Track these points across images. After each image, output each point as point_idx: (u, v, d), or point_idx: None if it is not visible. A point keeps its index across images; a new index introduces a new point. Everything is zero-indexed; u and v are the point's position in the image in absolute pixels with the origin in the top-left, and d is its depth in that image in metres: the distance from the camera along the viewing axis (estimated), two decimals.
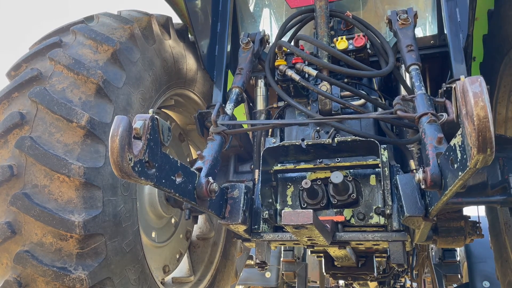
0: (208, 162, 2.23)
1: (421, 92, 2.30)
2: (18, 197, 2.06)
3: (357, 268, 3.19)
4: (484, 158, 1.18)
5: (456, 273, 6.07)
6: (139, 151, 1.51)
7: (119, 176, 1.46)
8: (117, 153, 1.41)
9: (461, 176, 1.41)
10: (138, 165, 1.51)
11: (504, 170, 2.53)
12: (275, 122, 2.75)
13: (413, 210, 1.91)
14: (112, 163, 1.43)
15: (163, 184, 1.70)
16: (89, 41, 2.49)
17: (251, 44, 3.11)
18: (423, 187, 1.72)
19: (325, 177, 2.51)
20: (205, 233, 3.99)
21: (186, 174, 1.90)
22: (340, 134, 2.69)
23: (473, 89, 1.15)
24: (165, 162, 1.72)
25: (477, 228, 3.23)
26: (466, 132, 1.22)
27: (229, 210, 2.24)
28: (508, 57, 2.89)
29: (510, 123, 3.33)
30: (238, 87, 2.90)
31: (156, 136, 1.65)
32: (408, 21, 2.74)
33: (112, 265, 2.22)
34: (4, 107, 2.34)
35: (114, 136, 1.42)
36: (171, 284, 3.57)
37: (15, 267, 2.07)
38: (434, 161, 1.73)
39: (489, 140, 1.12)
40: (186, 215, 3.01)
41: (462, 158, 1.39)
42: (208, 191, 1.97)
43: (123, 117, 1.47)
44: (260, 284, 8.00)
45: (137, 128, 1.54)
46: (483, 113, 1.11)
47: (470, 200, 2.58)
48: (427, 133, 1.96)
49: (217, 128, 2.51)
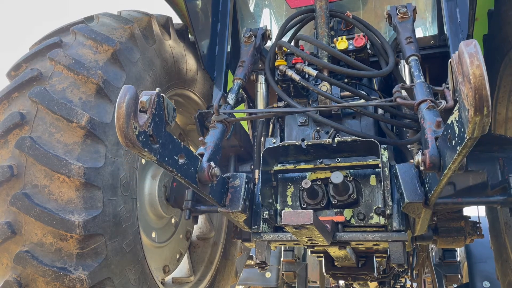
0: (210, 148, 2.25)
1: (420, 81, 2.33)
2: (18, 197, 2.06)
3: (357, 268, 3.18)
4: (482, 121, 1.18)
5: (456, 273, 6.07)
6: (144, 122, 1.52)
7: (123, 144, 1.46)
8: (123, 119, 1.42)
9: (459, 150, 1.42)
10: (143, 136, 1.51)
11: (504, 170, 2.53)
12: (276, 110, 2.77)
13: (413, 196, 1.93)
14: (118, 129, 1.43)
15: (165, 162, 1.69)
16: (89, 41, 2.49)
17: (253, 38, 3.13)
18: (422, 168, 1.73)
19: (325, 177, 2.51)
20: (205, 233, 3.99)
21: (188, 156, 1.90)
22: (340, 134, 2.69)
23: (468, 50, 1.17)
24: (168, 141, 1.73)
25: (477, 228, 3.24)
26: (463, 97, 1.23)
27: (230, 198, 2.25)
28: (508, 57, 2.89)
29: (510, 123, 3.33)
30: (240, 78, 2.93)
31: (161, 113, 1.66)
32: (407, 15, 2.78)
33: (112, 265, 2.22)
34: (4, 107, 2.34)
35: (120, 103, 1.43)
36: (171, 284, 3.57)
37: (15, 267, 2.07)
38: (432, 144, 1.75)
39: (485, 98, 1.14)
40: (186, 215, 3.01)
41: (460, 132, 1.41)
42: (209, 175, 1.98)
43: (130, 87, 1.48)
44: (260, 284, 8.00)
45: (143, 102, 1.55)
46: (479, 71, 1.13)
47: (470, 200, 2.58)
48: (425, 118, 1.99)
49: (219, 116, 2.53)
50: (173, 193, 3.16)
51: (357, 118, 2.79)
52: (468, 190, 2.63)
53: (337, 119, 2.78)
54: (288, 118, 2.97)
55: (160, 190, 3.10)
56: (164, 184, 3.14)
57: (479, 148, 2.68)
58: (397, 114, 2.69)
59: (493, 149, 2.66)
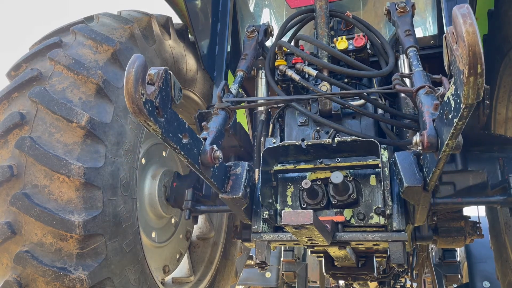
0: (212, 132, 2.28)
1: (418, 69, 2.38)
2: (18, 197, 2.06)
3: (357, 268, 3.18)
4: (476, 82, 1.22)
5: (456, 273, 6.07)
6: (151, 93, 1.54)
7: (130, 109, 1.47)
8: (132, 83, 1.44)
9: (455, 122, 1.45)
10: (149, 105, 1.52)
11: (504, 170, 2.53)
12: (278, 98, 2.79)
13: (412, 180, 1.96)
14: (126, 93, 1.45)
15: (170, 138, 1.70)
16: (89, 41, 2.49)
17: (256, 33, 3.17)
18: (420, 148, 1.75)
19: (325, 177, 2.50)
20: (205, 233, 3.99)
21: (192, 137, 1.91)
22: (340, 134, 2.69)
23: (461, 12, 1.22)
24: (174, 119, 1.74)
25: (477, 228, 3.24)
26: (458, 60, 1.26)
27: (231, 185, 2.27)
28: (508, 57, 2.89)
29: (510, 123, 3.33)
30: (243, 70, 2.95)
31: (168, 89, 1.67)
32: (406, 9, 2.84)
33: (112, 265, 2.22)
34: (4, 107, 2.34)
35: (130, 68, 1.45)
36: (171, 284, 3.57)
37: (15, 267, 2.07)
38: (430, 125, 1.78)
39: (478, 55, 1.18)
40: (186, 215, 3.02)
41: (456, 104, 1.44)
42: (212, 157, 1.99)
43: (139, 55, 1.50)
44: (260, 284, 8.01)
45: (151, 74, 1.57)
46: (472, 29, 1.17)
47: (470, 200, 2.58)
48: (423, 102, 2.02)
49: (222, 104, 2.57)
50: (173, 193, 3.16)
51: (357, 118, 2.79)
52: (468, 190, 2.63)
53: (337, 119, 2.78)
54: (288, 118, 2.97)
55: (160, 190, 3.10)
56: (164, 184, 3.15)
57: (479, 148, 2.69)
58: (397, 114, 2.70)
59: (493, 149, 2.66)
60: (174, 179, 3.21)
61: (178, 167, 3.68)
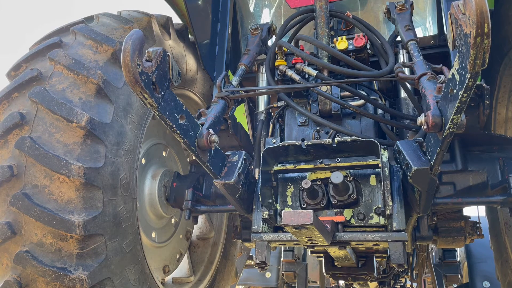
0: (210, 118, 2.31)
1: (420, 59, 2.43)
2: (18, 197, 2.07)
3: (357, 268, 3.18)
4: (482, 45, 1.24)
5: (456, 273, 6.06)
6: (148, 67, 1.55)
7: (126, 78, 1.48)
8: (129, 53, 1.45)
9: (460, 95, 1.47)
10: (145, 77, 1.53)
11: (504, 170, 2.53)
12: (279, 87, 2.82)
13: (419, 163, 1.98)
14: (122, 61, 1.47)
15: (166, 116, 1.71)
16: (89, 41, 2.49)
17: (259, 30, 3.23)
18: (425, 128, 1.77)
19: (325, 177, 2.50)
20: (205, 233, 3.99)
21: (189, 120, 1.92)
22: (340, 134, 2.69)
23: None
24: (171, 99, 1.74)
25: (477, 228, 3.24)
26: (464, 26, 1.29)
27: (226, 171, 2.30)
28: (508, 57, 2.89)
29: (510, 123, 3.32)
30: (245, 64, 2.99)
31: (166, 69, 1.67)
32: (405, 7, 2.92)
33: (112, 265, 2.22)
34: (4, 107, 2.34)
35: (128, 39, 1.47)
36: (171, 284, 3.57)
37: (15, 267, 2.07)
38: (434, 105, 1.81)
39: (486, 14, 1.21)
40: (186, 215, 3.02)
41: (461, 77, 1.46)
42: (208, 141, 2.02)
43: (138, 30, 1.52)
44: (260, 284, 8.01)
45: (150, 52, 1.58)
46: None
47: (470, 200, 2.58)
48: (426, 87, 2.06)
49: (221, 93, 2.59)
50: (173, 193, 3.16)
51: (357, 118, 2.80)
52: (468, 190, 2.63)
53: (337, 119, 2.78)
54: (288, 118, 2.97)
55: (160, 190, 3.10)
56: (164, 184, 3.15)
57: (479, 148, 2.69)
58: (397, 115, 2.70)
59: (493, 149, 2.67)
60: (174, 179, 3.21)
61: (178, 167, 3.68)
